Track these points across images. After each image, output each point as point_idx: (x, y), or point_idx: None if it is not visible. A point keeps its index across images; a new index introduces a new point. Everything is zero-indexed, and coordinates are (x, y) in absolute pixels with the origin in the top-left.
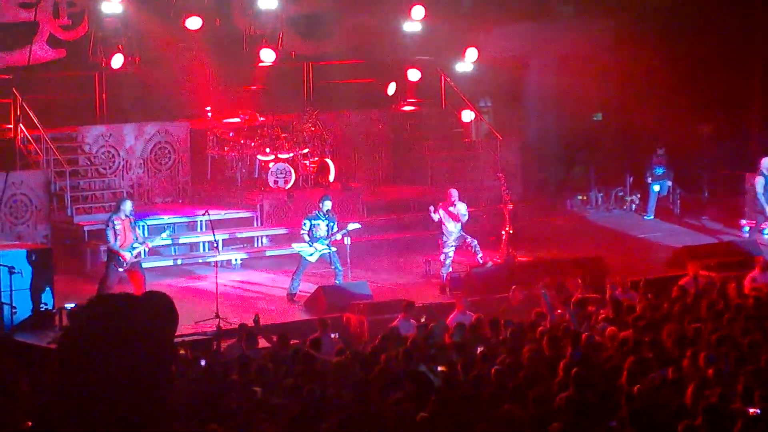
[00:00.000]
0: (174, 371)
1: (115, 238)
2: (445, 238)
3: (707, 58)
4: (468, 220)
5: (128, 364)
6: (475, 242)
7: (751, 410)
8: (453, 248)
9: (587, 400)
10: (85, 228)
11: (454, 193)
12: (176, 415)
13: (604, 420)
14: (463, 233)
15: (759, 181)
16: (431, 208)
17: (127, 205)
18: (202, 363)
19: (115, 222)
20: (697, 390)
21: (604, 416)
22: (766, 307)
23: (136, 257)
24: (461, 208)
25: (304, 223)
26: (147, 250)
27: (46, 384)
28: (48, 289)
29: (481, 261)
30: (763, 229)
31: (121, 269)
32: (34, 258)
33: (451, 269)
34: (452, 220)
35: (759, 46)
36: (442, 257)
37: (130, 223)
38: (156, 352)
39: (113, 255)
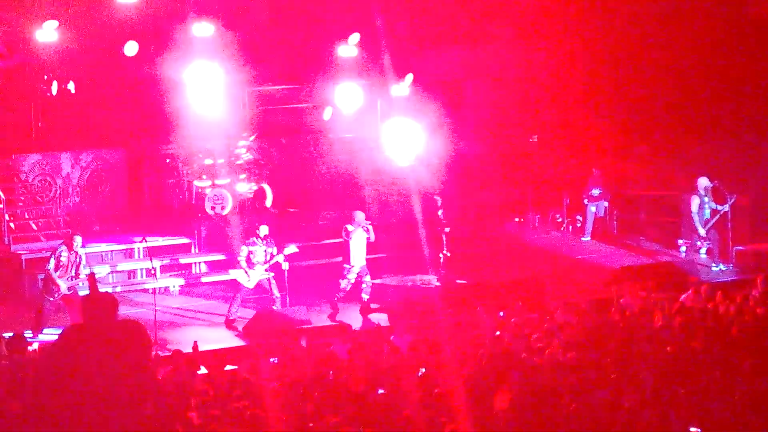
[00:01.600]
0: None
1: (57, 267)
2: (350, 266)
3: (643, 77)
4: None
5: (109, 390)
6: (370, 281)
7: (693, 429)
8: (354, 277)
9: (529, 422)
10: (23, 257)
11: (360, 215)
12: None
13: None
14: (365, 267)
15: (693, 200)
16: (345, 230)
17: (78, 241)
18: None
19: (63, 253)
20: (635, 410)
21: None
22: (700, 328)
23: (69, 289)
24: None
25: (242, 249)
26: (82, 285)
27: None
28: None
29: (365, 300)
30: (700, 248)
31: (52, 299)
32: None
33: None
34: (361, 247)
35: (695, 62)
36: (343, 283)
37: (76, 257)
38: (135, 375)
39: (47, 283)
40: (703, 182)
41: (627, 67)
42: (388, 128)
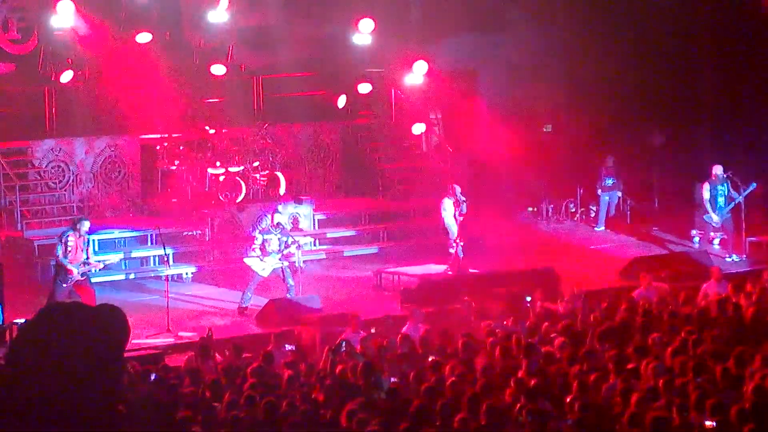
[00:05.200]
0: (125, 383)
1: (65, 253)
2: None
3: (658, 68)
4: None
5: (79, 374)
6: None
7: (708, 423)
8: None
9: (543, 411)
10: (36, 242)
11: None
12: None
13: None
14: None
15: (705, 187)
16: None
17: (85, 225)
18: (153, 377)
19: (69, 237)
20: (644, 401)
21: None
22: (718, 318)
23: (82, 275)
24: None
25: (257, 238)
26: (97, 270)
27: None
28: None
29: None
30: (713, 239)
31: (65, 285)
32: None
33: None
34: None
35: (710, 56)
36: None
37: (83, 242)
38: (106, 362)
39: (60, 269)
40: (718, 170)
41: (641, 54)
42: (402, 116)
